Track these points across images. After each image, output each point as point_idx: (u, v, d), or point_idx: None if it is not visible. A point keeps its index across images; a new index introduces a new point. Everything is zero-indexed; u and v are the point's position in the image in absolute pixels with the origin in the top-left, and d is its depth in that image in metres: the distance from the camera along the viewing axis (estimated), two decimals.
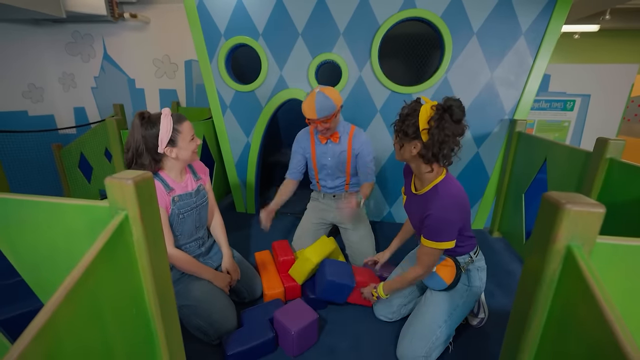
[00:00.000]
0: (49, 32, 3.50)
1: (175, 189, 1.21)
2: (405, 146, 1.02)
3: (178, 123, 1.15)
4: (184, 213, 1.24)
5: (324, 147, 1.66)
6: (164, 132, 1.11)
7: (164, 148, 1.13)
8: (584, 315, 0.47)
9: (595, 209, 0.48)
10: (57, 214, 0.69)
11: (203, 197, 1.33)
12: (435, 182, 1.05)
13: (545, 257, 0.52)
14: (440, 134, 0.93)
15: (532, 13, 1.73)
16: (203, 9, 1.97)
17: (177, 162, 1.21)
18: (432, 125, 0.93)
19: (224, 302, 1.24)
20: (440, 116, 0.93)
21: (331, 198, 1.79)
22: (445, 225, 1.01)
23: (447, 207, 1.00)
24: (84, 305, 0.51)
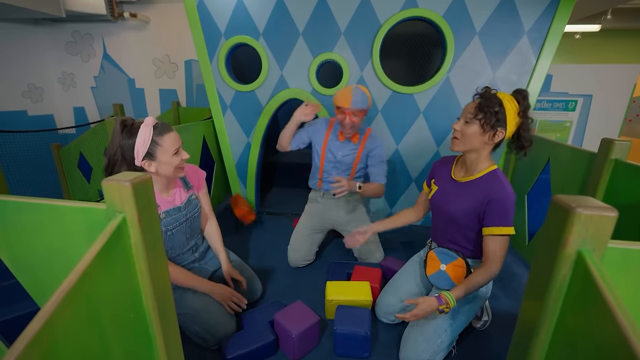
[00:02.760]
0: (49, 31, 3.48)
1: (161, 205, 1.12)
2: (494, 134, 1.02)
3: (159, 135, 1.04)
4: (173, 229, 1.16)
5: (338, 144, 1.66)
6: (140, 144, 1.01)
7: (141, 161, 1.03)
8: (595, 321, 0.46)
9: (608, 212, 0.46)
10: (54, 216, 0.68)
11: (194, 208, 1.24)
12: (492, 168, 1.07)
13: (555, 262, 0.50)
14: (527, 123, 1.02)
15: (535, 12, 1.72)
16: (203, 9, 1.96)
17: (159, 177, 1.09)
18: (521, 116, 1.01)
19: (222, 307, 1.21)
20: (524, 106, 1.01)
21: (331, 197, 1.77)
22: (511, 206, 1.01)
23: (510, 192, 1.01)
24: (81, 309, 0.50)
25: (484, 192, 1.03)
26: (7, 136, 2.90)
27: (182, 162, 1.10)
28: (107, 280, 0.57)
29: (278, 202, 2.63)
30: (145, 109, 3.72)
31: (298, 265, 1.73)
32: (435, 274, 1.18)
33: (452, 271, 1.12)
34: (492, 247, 1.03)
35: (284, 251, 1.88)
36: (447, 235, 1.19)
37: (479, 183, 1.07)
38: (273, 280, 1.62)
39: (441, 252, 1.19)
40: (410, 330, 1.15)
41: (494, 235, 1.02)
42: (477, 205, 1.05)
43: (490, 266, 1.04)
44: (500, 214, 1.00)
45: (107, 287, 0.57)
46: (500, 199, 1.00)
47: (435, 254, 1.20)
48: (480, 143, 1.04)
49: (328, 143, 1.68)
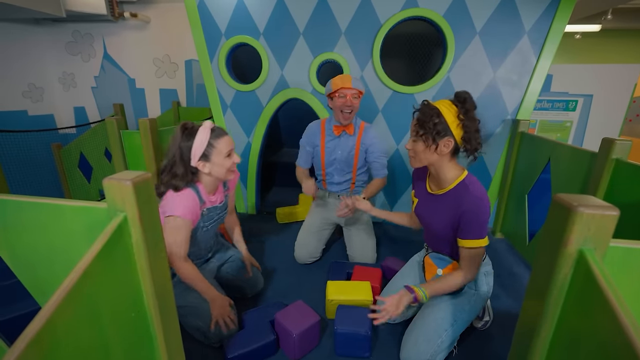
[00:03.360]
0: (49, 31, 3.48)
1: (207, 202, 1.20)
2: (439, 146, 1.00)
3: (215, 138, 1.11)
4: (209, 226, 1.23)
5: (336, 141, 1.66)
6: (198, 146, 1.09)
7: (197, 162, 1.10)
8: (597, 320, 0.45)
9: (609, 211, 0.46)
10: (55, 215, 0.68)
11: (226, 207, 1.32)
12: (461, 178, 1.05)
13: (556, 261, 0.50)
14: (474, 124, 0.99)
15: (535, 12, 1.72)
16: (204, 8, 1.96)
17: (210, 179, 1.17)
18: (462, 119, 0.97)
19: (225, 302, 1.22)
20: (465, 109, 0.97)
21: (336, 198, 1.78)
22: (484, 219, 0.99)
23: (481, 198, 0.99)
24: (81, 308, 0.50)
25: (457, 204, 1.02)
26: (8, 136, 2.90)
27: (233, 165, 1.16)
28: (108, 279, 0.57)
29: (278, 202, 2.63)
30: (146, 109, 3.72)
31: (305, 261, 1.74)
32: (434, 278, 1.18)
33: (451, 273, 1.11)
34: (466, 259, 1.05)
35: (284, 250, 1.88)
36: (435, 243, 1.20)
37: (452, 195, 1.05)
38: (273, 280, 1.62)
39: (436, 257, 1.20)
40: (411, 330, 1.14)
41: (466, 248, 1.03)
42: (452, 219, 1.04)
43: (465, 273, 1.06)
44: (473, 227, 1.00)
45: (108, 286, 0.57)
46: (472, 210, 0.98)
47: (431, 259, 1.22)
48: (434, 156, 1.03)
49: (326, 143, 1.68)
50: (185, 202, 1.10)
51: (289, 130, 3.51)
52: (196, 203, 1.14)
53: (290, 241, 1.92)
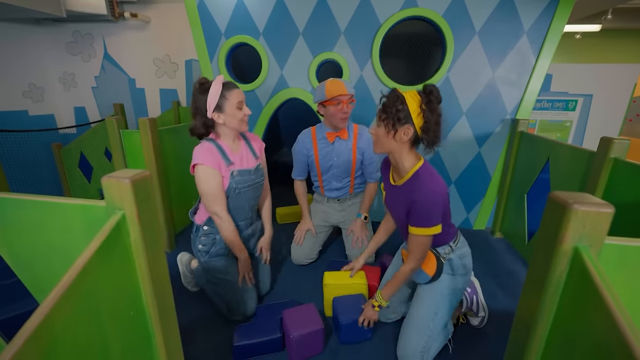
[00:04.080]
0: (50, 31, 3.49)
1: (235, 163, 1.26)
2: (398, 132, 1.02)
3: (227, 90, 1.18)
4: (241, 189, 1.28)
5: (330, 147, 1.63)
6: (212, 97, 1.16)
7: (212, 113, 1.18)
8: (592, 318, 0.46)
9: (604, 209, 0.46)
10: (54, 213, 0.68)
11: (261, 176, 1.37)
12: (415, 169, 1.06)
13: (552, 258, 0.50)
14: (434, 116, 1.00)
15: (535, 12, 1.72)
16: (203, 8, 1.96)
17: (227, 130, 1.24)
18: (424, 109, 0.99)
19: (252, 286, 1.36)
20: (428, 99, 0.99)
21: (336, 202, 1.78)
22: (432, 208, 1.02)
23: (432, 189, 1.01)
24: (80, 306, 0.50)
25: (409, 195, 1.04)
26: (8, 136, 2.91)
27: (245, 116, 1.24)
28: (107, 276, 0.57)
29: (278, 202, 2.62)
30: (146, 108, 3.72)
31: (301, 263, 1.74)
32: None
33: (425, 265, 1.14)
34: (412, 245, 1.09)
35: (283, 250, 1.89)
36: (403, 234, 1.20)
37: (407, 185, 1.07)
38: (273, 278, 1.63)
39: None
40: (403, 328, 1.19)
41: (414, 234, 1.06)
42: (407, 208, 1.06)
43: (410, 261, 1.11)
44: (419, 215, 1.02)
45: (106, 284, 0.57)
46: (419, 200, 1.01)
47: (405, 251, 1.22)
48: (393, 143, 1.04)
49: (319, 151, 1.65)
50: (203, 151, 1.20)
51: (288, 130, 3.51)
52: (216, 155, 1.22)
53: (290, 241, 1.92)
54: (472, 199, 2.13)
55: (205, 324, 1.34)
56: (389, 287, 1.17)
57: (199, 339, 1.26)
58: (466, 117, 1.94)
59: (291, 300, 1.37)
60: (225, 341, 1.22)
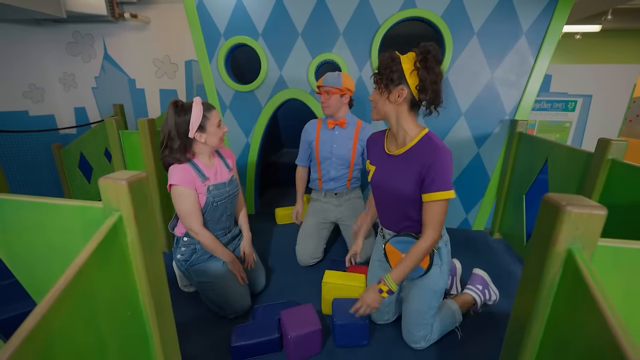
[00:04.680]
0: (50, 32, 3.49)
1: (210, 179, 1.31)
2: (392, 93, 0.99)
3: (207, 111, 1.25)
4: (218, 202, 1.33)
5: (330, 134, 1.70)
6: (195, 118, 1.21)
7: (194, 133, 1.23)
8: (585, 319, 0.46)
9: (597, 211, 0.47)
10: (53, 214, 0.68)
11: (235, 188, 1.42)
12: (423, 134, 1.02)
13: (546, 260, 0.51)
14: (430, 74, 0.95)
15: (533, 13, 1.72)
16: (203, 9, 1.96)
17: (206, 147, 1.30)
18: (418, 67, 0.95)
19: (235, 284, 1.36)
20: (424, 57, 0.95)
21: (333, 196, 1.79)
22: (449, 168, 0.97)
23: (446, 148, 0.98)
24: (77, 306, 0.51)
25: (421, 160, 0.99)
26: (8, 136, 2.91)
27: (223, 134, 1.31)
28: (104, 277, 0.57)
29: (277, 202, 2.63)
30: (146, 109, 3.73)
31: (307, 264, 1.75)
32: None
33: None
34: (431, 214, 1.01)
35: (282, 250, 1.89)
36: (397, 215, 1.13)
37: (414, 151, 1.02)
38: (272, 279, 1.63)
39: (398, 242, 1.14)
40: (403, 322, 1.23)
41: (432, 201, 0.99)
42: (418, 175, 1.01)
43: (429, 233, 1.01)
44: (439, 178, 0.97)
45: (103, 285, 0.57)
46: (437, 161, 0.96)
47: (394, 246, 1.15)
48: (388, 106, 1.01)
49: (320, 136, 1.73)
50: (180, 172, 1.23)
51: (288, 130, 3.52)
52: (191, 174, 1.25)
53: (289, 241, 1.92)
54: (471, 200, 2.13)
55: (203, 324, 1.34)
56: (401, 268, 1.04)
57: (197, 340, 1.26)
58: (465, 118, 1.95)
59: (289, 300, 1.37)
60: (223, 341, 1.22)
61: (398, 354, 1.20)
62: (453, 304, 1.31)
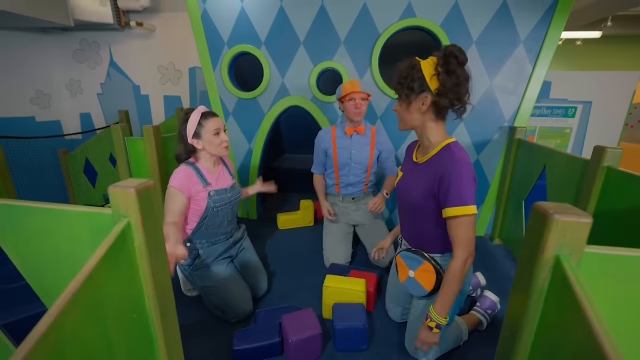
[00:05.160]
0: (57, 39, 3.57)
1: (212, 184, 1.36)
2: (414, 104, 0.94)
3: (204, 118, 1.30)
4: (219, 207, 1.37)
5: (348, 141, 1.75)
6: (191, 125, 1.29)
7: (191, 139, 1.30)
8: (572, 325, 0.48)
9: (583, 219, 0.49)
10: (61, 220, 0.71)
11: (237, 194, 1.47)
12: (445, 143, 0.97)
13: (535, 266, 0.53)
14: (452, 77, 0.89)
15: (531, 22, 1.75)
16: (207, 18, 2.01)
17: (207, 154, 1.35)
18: (439, 71, 0.89)
19: (241, 285, 1.40)
20: (445, 60, 0.89)
21: (350, 201, 1.84)
22: (465, 180, 0.88)
23: (464, 158, 0.90)
24: (87, 309, 0.53)
25: (435, 170, 0.94)
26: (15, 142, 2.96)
27: (222, 142, 1.33)
28: (112, 281, 0.60)
29: (279, 208, 2.66)
30: (150, 115, 3.78)
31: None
32: (406, 281, 1.11)
33: (421, 277, 1.05)
34: (454, 231, 0.92)
35: (284, 255, 1.91)
36: (413, 226, 1.10)
37: (433, 160, 0.97)
38: (274, 283, 1.65)
39: (407, 257, 1.10)
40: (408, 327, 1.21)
41: (452, 217, 0.91)
42: (430, 185, 0.94)
43: (456, 252, 0.92)
44: (453, 192, 0.89)
45: (111, 288, 0.60)
46: (449, 172, 0.89)
47: (402, 259, 1.12)
48: (413, 116, 0.97)
49: (337, 144, 1.76)
50: (181, 176, 1.29)
51: (290, 136, 3.55)
52: (193, 180, 1.31)
53: (291, 246, 1.95)
54: None
55: (205, 328, 1.36)
56: (442, 297, 0.95)
57: (199, 343, 1.28)
58: (464, 124, 1.97)
59: (290, 305, 1.39)
60: (225, 345, 1.24)
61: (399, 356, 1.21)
62: (462, 323, 1.25)
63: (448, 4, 1.79)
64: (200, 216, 1.34)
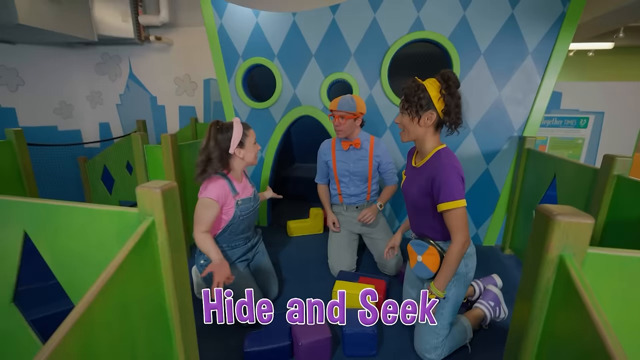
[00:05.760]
0: (81, 53, 3.76)
1: (240, 193, 1.43)
2: (422, 118, 1.11)
3: (247, 129, 1.40)
4: (245, 215, 1.44)
5: (346, 154, 1.77)
6: (236, 136, 1.36)
7: (235, 149, 1.37)
8: (576, 323, 0.49)
9: (585, 220, 0.51)
10: (91, 219, 0.76)
11: (258, 202, 1.55)
12: (437, 149, 1.14)
13: (540, 267, 0.55)
14: (454, 98, 1.09)
15: (539, 33, 1.78)
16: (223, 33, 2.11)
17: (242, 163, 1.44)
18: (444, 94, 1.08)
19: (255, 289, 1.41)
20: (447, 85, 1.07)
21: (354, 210, 1.86)
22: (453, 180, 1.06)
23: (451, 163, 1.08)
24: (114, 301, 0.57)
25: (429, 172, 1.11)
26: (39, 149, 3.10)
27: (257, 151, 1.46)
28: (137, 276, 0.64)
29: (289, 215, 2.69)
30: (165, 124, 3.92)
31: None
32: (416, 266, 1.23)
33: (427, 260, 1.17)
34: (449, 222, 1.10)
35: (294, 261, 1.94)
36: (420, 222, 1.24)
37: (427, 165, 1.14)
38: (285, 288, 1.67)
39: (416, 244, 1.23)
40: (416, 328, 1.27)
41: (445, 211, 1.09)
42: (426, 186, 1.12)
43: (455, 238, 1.10)
44: (444, 190, 1.07)
45: (136, 283, 0.64)
46: (439, 175, 1.07)
47: (412, 247, 1.25)
48: (418, 129, 1.13)
49: (336, 156, 1.79)
50: (217, 188, 1.35)
51: (300, 146, 3.62)
52: (227, 190, 1.37)
53: (301, 253, 1.97)
54: (481, 215, 2.14)
55: (218, 330, 1.38)
56: (441, 274, 1.13)
57: (211, 345, 1.30)
58: (473, 134, 1.99)
59: None
60: (237, 347, 1.26)
61: None
62: (465, 321, 1.32)
63: (456, 17, 1.84)
64: (227, 223, 1.40)
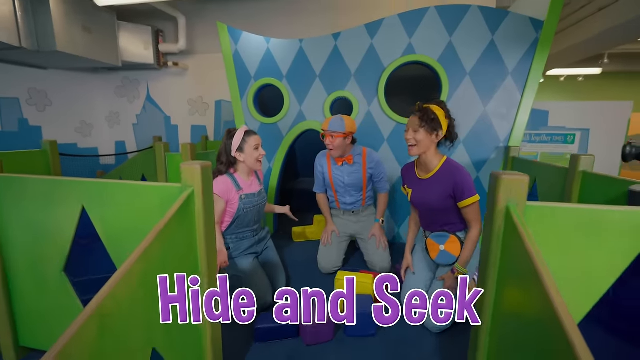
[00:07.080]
0: (103, 77, 4.10)
1: (244, 189, 1.60)
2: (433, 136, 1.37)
3: (247, 135, 1.57)
4: (248, 208, 1.61)
5: (340, 169, 1.92)
6: (236, 141, 1.55)
7: (235, 152, 1.55)
8: (518, 255, 0.65)
9: (522, 177, 0.68)
10: (137, 193, 0.94)
11: (263, 199, 1.72)
12: (444, 159, 1.41)
13: (493, 216, 0.71)
14: (452, 122, 1.41)
15: (517, 56, 2.02)
16: (238, 57, 2.38)
17: (245, 166, 1.60)
18: (448, 117, 1.39)
19: (263, 278, 1.57)
20: (447, 110, 1.40)
21: (350, 214, 2.01)
22: (470, 180, 1.34)
23: (464, 169, 1.36)
24: (157, 258, 0.73)
25: (448, 179, 1.36)
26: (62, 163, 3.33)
27: (259, 156, 1.60)
28: (177, 237, 0.81)
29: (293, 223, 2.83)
30: (178, 142, 4.17)
31: (329, 271, 1.91)
32: (438, 255, 1.45)
33: (450, 247, 1.41)
34: (470, 214, 1.36)
35: (298, 265, 2.07)
36: (438, 220, 1.45)
37: (441, 173, 1.39)
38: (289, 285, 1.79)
39: (436, 236, 1.47)
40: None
41: (467, 205, 1.34)
42: (447, 189, 1.36)
43: (473, 226, 1.36)
44: (466, 189, 1.32)
45: (177, 241, 0.81)
46: (458, 178, 1.33)
47: (433, 240, 1.47)
48: (429, 144, 1.39)
49: (332, 171, 1.95)
50: (221, 184, 1.53)
51: (304, 162, 3.83)
52: (230, 187, 1.55)
53: (305, 256, 2.11)
54: None
55: None
56: (464, 255, 1.38)
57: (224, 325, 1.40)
58: (464, 145, 2.18)
59: None
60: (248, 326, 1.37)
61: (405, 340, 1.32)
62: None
63: (443, 43, 2.09)
64: (233, 216, 1.57)
